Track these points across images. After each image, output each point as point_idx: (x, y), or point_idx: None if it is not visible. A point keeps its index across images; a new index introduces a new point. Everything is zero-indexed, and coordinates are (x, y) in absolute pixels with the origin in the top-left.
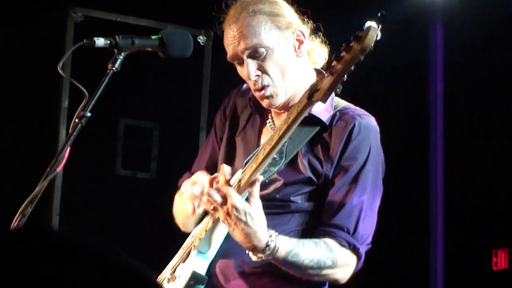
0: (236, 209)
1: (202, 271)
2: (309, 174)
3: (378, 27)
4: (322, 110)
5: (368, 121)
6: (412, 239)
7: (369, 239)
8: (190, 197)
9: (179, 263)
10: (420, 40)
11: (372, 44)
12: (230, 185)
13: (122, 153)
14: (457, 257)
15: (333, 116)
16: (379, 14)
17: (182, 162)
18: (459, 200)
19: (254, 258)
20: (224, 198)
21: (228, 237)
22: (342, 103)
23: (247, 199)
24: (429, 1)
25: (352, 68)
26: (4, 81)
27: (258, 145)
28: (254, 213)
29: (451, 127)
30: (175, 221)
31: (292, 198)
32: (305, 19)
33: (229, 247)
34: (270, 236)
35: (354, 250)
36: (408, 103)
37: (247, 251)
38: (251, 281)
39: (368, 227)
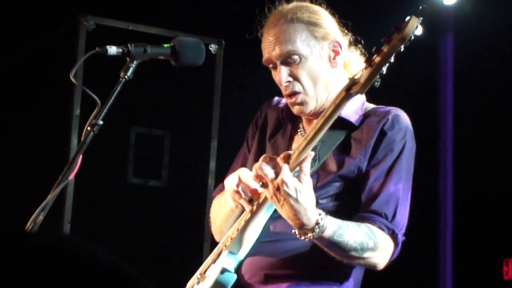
0: (286, 184)
1: (231, 270)
2: (339, 171)
3: (419, 19)
4: (352, 113)
5: (402, 114)
6: (422, 249)
7: (404, 229)
8: (231, 193)
9: (210, 264)
10: (431, 49)
11: (412, 35)
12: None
13: (133, 161)
14: (468, 266)
15: (364, 116)
16: (420, 8)
17: (193, 170)
18: (470, 210)
19: (302, 237)
20: (275, 174)
21: (259, 239)
22: (372, 105)
23: (297, 176)
24: (440, 10)
25: (392, 60)
26: (16, 89)
27: None
28: (305, 190)
29: (461, 136)
30: (211, 230)
31: (320, 201)
32: (345, 31)
33: (258, 249)
34: (320, 215)
35: (393, 235)
36: (417, 112)
37: (293, 230)
38: (277, 284)
39: (404, 216)
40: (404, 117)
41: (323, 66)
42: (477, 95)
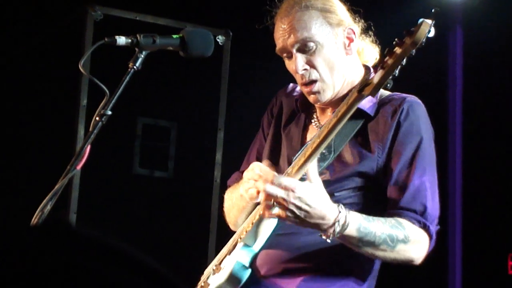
0: (297, 188)
1: (246, 263)
2: (357, 167)
3: (431, 22)
4: (366, 102)
5: (416, 102)
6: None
7: (437, 219)
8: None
9: (226, 256)
10: (440, 44)
11: (424, 39)
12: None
13: (139, 152)
14: (474, 260)
15: (379, 105)
16: (432, 11)
17: (200, 161)
18: (477, 204)
19: (330, 236)
20: (281, 188)
21: (274, 232)
22: (387, 93)
23: (306, 177)
24: (449, 5)
25: (404, 62)
26: (23, 79)
27: (302, 143)
28: (315, 186)
29: (470, 131)
30: (225, 220)
31: (336, 194)
32: (357, 18)
33: (274, 242)
34: (338, 205)
35: (425, 228)
36: (427, 107)
37: (321, 234)
38: (292, 277)
39: (434, 207)
40: (419, 105)
41: (338, 53)
42: (486, 89)
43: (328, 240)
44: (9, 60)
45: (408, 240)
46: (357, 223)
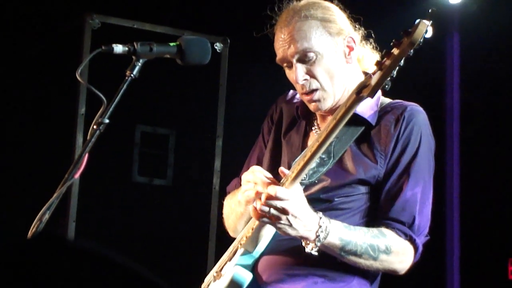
0: (276, 197)
1: (247, 269)
2: (359, 175)
3: (428, 23)
4: (367, 109)
5: (417, 112)
6: (428, 248)
7: (426, 230)
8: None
9: (226, 262)
10: (437, 48)
11: (421, 39)
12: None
13: (138, 160)
14: (473, 265)
15: (380, 113)
16: (429, 11)
17: (198, 168)
18: (475, 209)
19: (310, 246)
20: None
21: (275, 237)
22: (388, 100)
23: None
24: (446, 10)
25: (402, 63)
26: (21, 87)
27: (303, 150)
28: (294, 192)
29: (467, 135)
30: (224, 226)
31: (336, 199)
32: (357, 26)
33: (274, 248)
34: (317, 213)
35: (411, 240)
36: (424, 111)
37: (303, 243)
38: (294, 282)
39: (424, 219)
40: (419, 114)
41: (338, 62)
42: (483, 94)
43: (314, 252)
44: (7, 68)
45: (390, 251)
46: (339, 231)
